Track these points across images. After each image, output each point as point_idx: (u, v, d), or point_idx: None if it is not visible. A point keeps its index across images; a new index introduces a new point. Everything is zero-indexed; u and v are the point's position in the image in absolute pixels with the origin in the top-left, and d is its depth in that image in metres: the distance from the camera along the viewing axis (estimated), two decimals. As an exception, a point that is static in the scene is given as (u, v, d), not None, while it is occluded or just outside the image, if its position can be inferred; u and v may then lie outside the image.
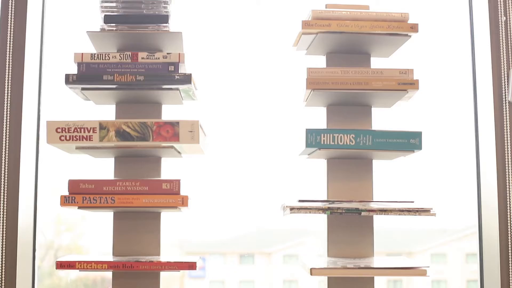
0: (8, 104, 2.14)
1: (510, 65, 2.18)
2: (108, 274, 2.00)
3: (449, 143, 2.42)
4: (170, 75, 1.85)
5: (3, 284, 2.09)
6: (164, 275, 2.01)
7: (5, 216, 2.09)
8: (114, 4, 1.90)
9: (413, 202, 1.88)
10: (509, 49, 2.20)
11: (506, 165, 2.15)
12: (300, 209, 1.81)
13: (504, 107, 2.17)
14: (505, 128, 2.16)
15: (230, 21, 2.42)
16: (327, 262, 1.85)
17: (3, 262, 2.09)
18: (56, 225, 2.56)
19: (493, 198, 2.16)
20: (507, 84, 2.17)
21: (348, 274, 1.78)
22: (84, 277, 2.51)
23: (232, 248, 2.65)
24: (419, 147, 1.87)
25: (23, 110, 2.16)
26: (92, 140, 1.80)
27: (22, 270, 2.13)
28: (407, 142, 1.87)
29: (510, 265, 2.13)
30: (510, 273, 2.13)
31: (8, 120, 2.13)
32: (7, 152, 2.12)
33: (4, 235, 2.09)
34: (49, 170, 2.30)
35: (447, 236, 2.68)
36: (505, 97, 2.16)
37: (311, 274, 1.76)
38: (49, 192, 2.27)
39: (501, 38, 2.21)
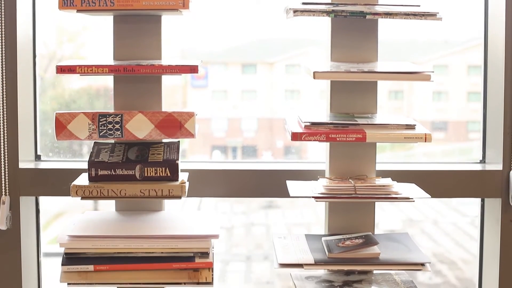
0: None
1: None
2: (111, 84, 2.00)
3: None
4: None
5: (4, 96, 2.09)
6: (166, 85, 2.01)
7: (3, 24, 2.06)
8: None
9: (419, 6, 1.85)
10: None
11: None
12: (303, 11, 1.77)
13: None
14: None
15: None
16: (330, 66, 1.85)
17: (4, 72, 2.08)
18: (58, 36, 2.54)
19: (501, 7, 2.13)
20: None
21: (351, 78, 1.78)
22: (88, 87, 2.53)
23: (234, 57, 2.65)
24: None
25: None
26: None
27: (23, 81, 2.13)
28: None
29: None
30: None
31: None
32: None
33: (4, 43, 2.07)
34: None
35: (449, 47, 2.67)
36: None
37: (314, 77, 1.76)
38: (48, 1, 2.23)
39: None
